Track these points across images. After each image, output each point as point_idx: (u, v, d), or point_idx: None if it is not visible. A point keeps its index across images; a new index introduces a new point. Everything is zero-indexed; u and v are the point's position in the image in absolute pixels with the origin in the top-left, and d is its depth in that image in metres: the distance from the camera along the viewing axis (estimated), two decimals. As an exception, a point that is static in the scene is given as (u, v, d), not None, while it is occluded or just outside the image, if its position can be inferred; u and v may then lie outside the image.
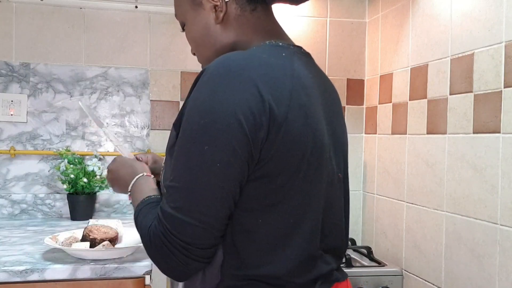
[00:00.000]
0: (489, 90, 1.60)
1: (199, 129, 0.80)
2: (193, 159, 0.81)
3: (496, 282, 1.57)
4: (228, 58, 0.85)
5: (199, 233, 0.82)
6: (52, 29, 2.19)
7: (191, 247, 0.82)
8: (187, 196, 0.81)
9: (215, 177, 0.81)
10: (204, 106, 0.81)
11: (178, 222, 0.82)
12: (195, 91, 0.84)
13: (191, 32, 1.00)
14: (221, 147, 0.80)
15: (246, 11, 0.95)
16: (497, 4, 1.58)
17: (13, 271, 1.31)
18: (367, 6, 2.47)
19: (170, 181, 0.84)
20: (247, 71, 0.82)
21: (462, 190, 1.73)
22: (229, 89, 0.81)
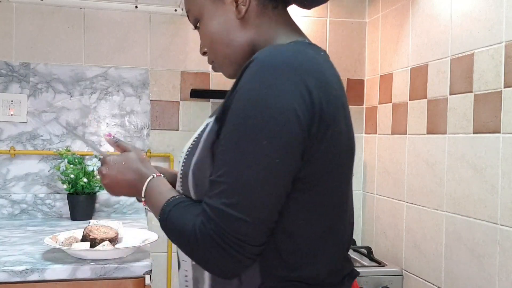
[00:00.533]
0: (489, 90, 1.60)
1: (257, 123, 0.77)
2: (250, 154, 0.78)
3: (496, 282, 1.57)
4: (279, 50, 0.83)
5: (253, 230, 0.79)
6: (52, 29, 2.19)
7: (246, 245, 0.79)
8: (241, 192, 0.78)
9: (272, 174, 0.78)
10: (261, 100, 0.78)
11: (232, 219, 0.78)
12: (247, 83, 0.80)
13: (207, 27, 0.95)
14: (280, 143, 0.77)
15: (268, 8, 0.94)
16: (497, 4, 1.58)
17: (13, 271, 1.31)
18: (367, 6, 2.47)
19: (219, 176, 0.80)
20: (299, 65, 0.81)
21: (462, 190, 1.73)
22: (284, 82, 0.78)
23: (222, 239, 0.79)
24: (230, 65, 0.97)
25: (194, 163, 0.87)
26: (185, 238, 0.84)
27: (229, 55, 0.95)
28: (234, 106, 0.80)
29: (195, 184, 0.87)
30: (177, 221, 0.86)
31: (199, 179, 0.86)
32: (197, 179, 0.87)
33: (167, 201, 0.89)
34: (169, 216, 0.88)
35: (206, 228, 0.80)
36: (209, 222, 0.79)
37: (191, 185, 0.88)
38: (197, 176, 0.87)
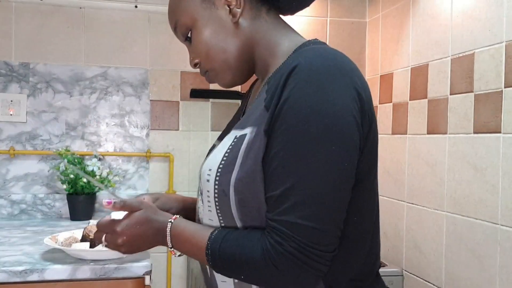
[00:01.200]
0: (490, 90, 1.60)
1: (321, 130, 0.76)
2: (319, 162, 0.76)
3: (496, 282, 1.56)
4: (320, 53, 0.82)
5: (331, 238, 0.78)
6: (51, 28, 2.19)
7: (325, 253, 0.78)
8: (317, 202, 0.76)
9: (344, 178, 0.78)
10: (319, 105, 0.77)
11: (312, 232, 0.75)
12: (299, 90, 0.78)
13: (202, 35, 0.92)
14: (347, 147, 0.78)
15: (262, 11, 0.93)
16: (498, 3, 1.58)
17: (12, 271, 1.31)
18: (367, 6, 2.47)
19: (287, 189, 0.76)
20: (345, 66, 0.81)
21: (463, 190, 1.72)
22: (337, 85, 0.78)
23: (304, 254, 0.76)
24: (228, 71, 0.94)
25: (237, 179, 0.82)
26: (254, 266, 0.79)
27: (226, 60, 0.93)
28: (289, 115, 0.78)
29: (240, 201, 0.82)
30: (236, 254, 0.80)
31: (245, 196, 0.81)
32: (242, 196, 0.82)
33: (210, 239, 0.83)
34: (222, 253, 0.82)
35: (283, 246, 0.76)
36: (286, 239, 0.76)
37: (234, 203, 0.82)
38: (242, 193, 0.81)
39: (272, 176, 0.79)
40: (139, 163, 2.27)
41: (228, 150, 0.85)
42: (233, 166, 0.82)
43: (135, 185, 2.26)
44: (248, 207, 0.82)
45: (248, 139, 0.83)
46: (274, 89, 0.82)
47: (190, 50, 0.97)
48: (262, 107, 0.83)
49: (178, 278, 2.31)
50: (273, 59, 0.92)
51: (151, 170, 2.28)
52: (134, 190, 2.26)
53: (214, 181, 0.85)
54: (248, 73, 0.97)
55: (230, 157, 0.84)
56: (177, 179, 2.30)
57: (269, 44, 0.92)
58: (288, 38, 0.93)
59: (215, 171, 0.85)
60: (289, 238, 0.76)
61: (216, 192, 0.85)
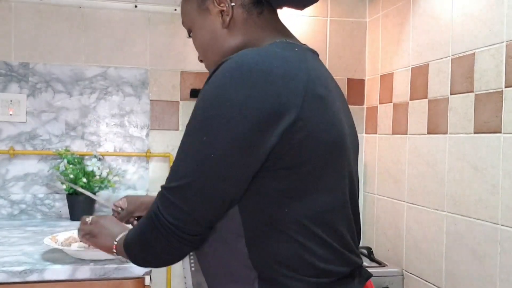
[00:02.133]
0: (490, 90, 1.60)
1: (203, 120, 0.83)
2: (189, 146, 0.84)
3: (497, 282, 1.56)
4: (243, 53, 0.86)
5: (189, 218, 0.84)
6: (51, 28, 2.19)
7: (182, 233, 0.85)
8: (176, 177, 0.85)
9: (207, 167, 0.82)
10: (211, 99, 0.82)
11: (167, 201, 0.85)
12: (207, 85, 0.85)
13: (198, 37, 1.01)
14: (222, 141, 0.81)
15: (253, 14, 0.97)
16: (498, 3, 1.57)
17: (12, 271, 1.30)
18: (368, 6, 2.46)
19: (173, 164, 0.87)
20: (260, 64, 0.83)
21: (463, 190, 1.72)
22: (240, 82, 0.81)
23: (157, 218, 0.85)
24: None
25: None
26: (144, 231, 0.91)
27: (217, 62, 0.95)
28: (196, 102, 0.87)
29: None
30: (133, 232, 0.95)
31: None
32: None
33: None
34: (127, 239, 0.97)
35: (151, 207, 0.87)
36: (152, 205, 0.87)
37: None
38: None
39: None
40: (139, 163, 2.27)
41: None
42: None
43: (135, 185, 2.26)
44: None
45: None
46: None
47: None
48: None
49: (178, 278, 2.30)
50: None
51: (151, 170, 2.28)
52: (134, 190, 2.25)
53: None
54: None
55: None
56: (177, 179, 2.30)
57: (255, 45, 0.95)
58: (271, 39, 0.95)
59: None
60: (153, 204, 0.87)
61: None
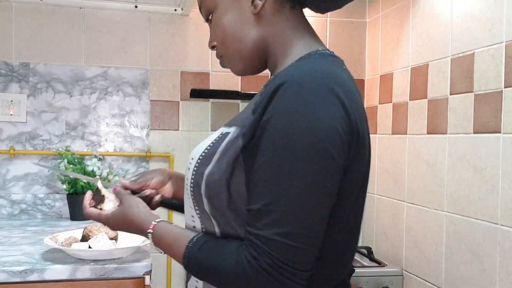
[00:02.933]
0: (490, 90, 1.60)
1: (304, 148, 0.75)
2: (301, 180, 0.75)
3: (496, 282, 1.56)
4: (311, 69, 0.81)
5: (308, 256, 0.77)
6: (51, 28, 2.19)
7: (300, 272, 0.77)
8: (296, 220, 0.75)
9: (323, 198, 0.77)
10: (304, 123, 0.75)
11: (288, 249, 0.75)
12: (286, 105, 0.77)
13: (221, 20, 0.92)
14: (331, 168, 0.76)
15: (286, 7, 0.91)
16: (498, 4, 1.57)
17: (12, 271, 1.31)
18: (367, 6, 2.47)
19: (267, 204, 0.76)
20: (334, 86, 0.79)
21: (463, 190, 1.72)
22: (324, 105, 0.77)
23: (278, 271, 0.75)
24: (239, 60, 0.94)
25: (209, 173, 0.84)
26: (226, 276, 0.79)
27: (239, 50, 0.92)
28: (275, 129, 0.77)
29: (208, 195, 0.84)
30: (209, 265, 0.82)
31: (212, 192, 0.83)
32: (210, 191, 0.83)
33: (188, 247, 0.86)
34: (197, 261, 0.84)
35: (258, 261, 0.75)
36: (262, 254, 0.75)
37: (204, 196, 0.84)
38: (210, 188, 0.83)
39: (254, 189, 0.78)
40: (139, 163, 2.27)
41: (211, 144, 0.86)
42: (210, 160, 0.84)
43: (135, 185, 2.26)
44: (213, 203, 0.84)
45: (230, 137, 0.83)
46: (263, 97, 0.81)
47: (211, 31, 0.97)
48: (250, 111, 0.83)
49: (178, 278, 2.31)
50: (283, 59, 0.91)
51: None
52: (134, 190, 2.25)
53: (192, 171, 0.87)
54: (260, 66, 0.95)
55: (210, 151, 0.85)
56: (177, 179, 2.30)
57: (284, 43, 0.91)
58: (303, 42, 0.91)
59: (195, 161, 0.87)
60: (265, 254, 0.75)
61: (192, 181, 0.87)
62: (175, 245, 0.89)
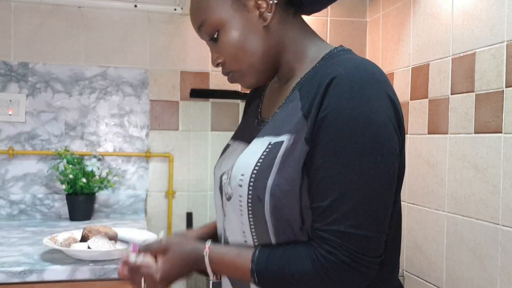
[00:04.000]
0: (491, 89, 1.59)
1: (367, 141, 0.78)
2: (368, 171, 0.78)
3: (497, 283, 1.56)
4: (361, 65, 0.83)
5: (380, 244, 0.80)
6: (50, 28, 2.18)
7: (375, 259, 0.80)
8: (367, 210, 0.78)
9: (389, 186, 0.81)
10: (363, 117, 0.78)
11: (364, 240, 0.78)
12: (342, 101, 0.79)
13: (230, 37, 0.92)
14: (392, 156, 0.81)
15: (290, 15, 0.94)
16: (499, 3, 1.57)
17: (11, 272, 1.30)
18: (368, 5, 2.46)
19: (335, 200, 0.78)
20: (380, 77, 0.83)
21: (464, 191, 1.72)
22: (377, 98, 0.80)
23: (356, 261, 0.78)
24: (254, 74, 0.94)
25: (274, 185, 0.82)
26: (306, 280, 0.80)
27: (254, 64, 0.93)
28: (334, 126, 0.79)
29: (275, 207, 0.82)
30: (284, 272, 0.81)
31: (281, 202, 0.82)
32: (278, 202, 0.82)
33: (253, 261, 0.84)
34: (270, 272, 0.82)
35: (336, 255, 0.77)
36: (338, 249, 0.77)
37: (268, 209, 0.83)
38: (278, 199, 0.82)
39: (319, 187, 0.80)
40: (138, 163, 2.26)
41: (263, 156, 0.85)
42: (269, 172, 0.83)
43: (134, 185, 2.25)
44: (282, 213, 0.83)
45: (286, 146, 0.83)
46: (312, 98, 0.83)
47: (214, 49, 0.96)
48: (300, 116, 0.84)
49: (177, 279, 2.30)
50: (300, 64, 0.93)
51: (150, 170, 2.27)
52: (134, 190, 2.25)
53: (248, 186, 0.85)
54: (271, 75, 0.97)
55: (266, 163, 0.84)
56: (177, 179, 2.29)
57: (296, 49, 0.94)
58: (314, 44, 0.95)
59: (249, 176, 0.85)
60: (341, 247, 0.77)
61: (249, 197, 0.85)
62: (238, 261, 0.86)
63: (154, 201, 2.28)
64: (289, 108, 0.88)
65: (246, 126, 1.05)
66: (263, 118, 0.99)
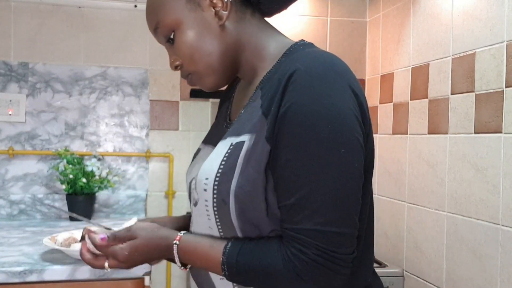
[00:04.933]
0: (491, 89, 1.59)
1: (329, 135, 0.76)
2: (332, 166, 0.76)
3: (497, 283, 1.56)
4: (319, 59, 0.82)
5: (351, 240, 0.79)
6: (50, 28, 2.18)
7: (346, 256, 0.78)
8: (335, 206, 0.76)
9: (355, 179, 0.79)
10: (324, 111, 0.76)
11: (333, 236, 0.76)
12: (302, 96, 0.78)
13: (186, 37, 0.90)
14: (355, 148, 0.79)
15: (247, 14, 0.92)
16: (499, 3, 1.57)
17: (11, 272, 1.30)
18: (368, 5, 2.46)
19: (301, 198, 0.76)
20: (341, 73, 0.81)
21: (464, 191, 1.72)
22: (338, 91, 0.79)
23: (328, 259, 0.76)
24: (212, 74, 0.92)
25: (237, 187, 0.80)
26: (276, 278, 0.79)
27: (211, 64, 0.91)
28: (295, 122, 0.77)
29: (240, 209, 0.81)
30: (255, 267, 0.80)
31: (245, 204, 0.81)
32: (242, 204, 0.81)
33: (225, 253, 0.82)
34: (240, 266, 0.81)
35: (306, 254, 0.76)
36: (308, 247, 0.76)
37: (234, 211, 0.81)
38: (243, 201, 0.81)
39: (284, 185, 0.78)
40: (138, 163, 2.26)
41: (225, 158, 0.83)
42: (232, 175, 0.81)
43: (134, 185, 2.25)
44: (247, 216, 0.81)
45: (247, 146, 0.81)
46: (271, 95, 0.81)
47: (171, 51, 0.94)
48: (259, 114, 0.82)
49: (178, 278, 2.30)
50: (261, 62, 0.92)
51: (150, 170, 2.27)
52: (134, 190, 2.25)
53: (212, 190, 0.83)
54: (231, 75, 0.95)
55: (228, 165, 0.82)
56: (177, 179, 2.29)
57: (256, 47, 0.92)
58: (275, 40, 0.93)
59: (213, 179, 0.83)
60: (311, 245, 0.76)
61: (215, 201, 0.83)
62: (208, 255, 0.84)
63: (154, 201, 2.28)
64: (251, 107, 0.86)
65: (216, 130, 1.03)
66: (231, 121, 0.98)
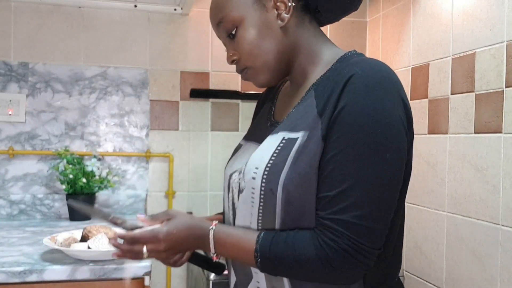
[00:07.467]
0: (491, 89, 1.59)
1: (378, 138, 0.82)
2: (376, 166, 0.82)
3: (497, 283, 1.56)
4: (376, 67, 0.87)
5: (381, 236, 0.84)
6: (50, 28, 2.18)
7: (374, 250, 0.83)
8: (372, 203, 0.81)
9: (395, 182, 0.85)
10: (377, 115, 0.82)
11: (365, 230, 0.81)
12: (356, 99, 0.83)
13: (248, 34, 0.96)
14: (399, 153, 0.84)
15: (305, 20, 0.98)
16: (499, 3, 1.57)
17: (11, 272, 1.30)
18: (368, 5, 2.46)
19: (343, 190, 0.81)
20: (394, 79, 0.87)
21: (464, 191, 1.72)
22: (390, 98, 0.84)
23: (356, 250, 0.81)
24: (267, 72, 0.98)
25: (287, 178, 0.85)
26: (308, 265, 0.83)
27: (268, 62, 0.97)
28: (347, 122, 0.83)
29: (287, 200, 0.85)
30: (288, 255, 0.84)
31: (293, 196, 0.85)
32: (290, 196, 0.85)
33: (258, 242, 0.87)
34: (273, 255, 0.85)
35: (338, 243, 0.81)
36: (340, 236, 0.81)
37: (281, 202, 0.86)
38: (291, 193, 0.85)
39: (327, 178, 0.83)
40: (138, 163, 2.26)
41: (277, 150, 0.88)
42: (282, 167, 0.86)
43: (134, 185, 2.25)
44: (293, 207, 0.86)
45: (300, 142, 0.86)
46: (327, 96, 0.87)
47: (230, 46, 1.00)
48: (314, 113, 0.88)
49: (178, 278, 2.30)
50: (313, 67, 0.97)
51: (150, 170, 2.27)
52: (134, 190, 2.25)
53: (261, 179, 0.88)
54: (283, 76, 1.01)
55: (280, 158, 0.87)
56: (177, 179, 2.29)
57: (310, 52, 0.98)
58: (328, 49, 0.99)
59: (263, 169, 0.88)
60: (343, 235, 0.81)
61: (262, 189, 0.88)
62: (241, 244, 0.88)
63: (154, 201, 2.28)
64: (304, 106, 0.92)
65: (258, 128, 1.09)
66: (276, 120, 1.03)
